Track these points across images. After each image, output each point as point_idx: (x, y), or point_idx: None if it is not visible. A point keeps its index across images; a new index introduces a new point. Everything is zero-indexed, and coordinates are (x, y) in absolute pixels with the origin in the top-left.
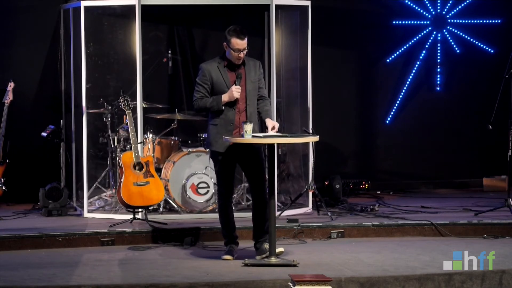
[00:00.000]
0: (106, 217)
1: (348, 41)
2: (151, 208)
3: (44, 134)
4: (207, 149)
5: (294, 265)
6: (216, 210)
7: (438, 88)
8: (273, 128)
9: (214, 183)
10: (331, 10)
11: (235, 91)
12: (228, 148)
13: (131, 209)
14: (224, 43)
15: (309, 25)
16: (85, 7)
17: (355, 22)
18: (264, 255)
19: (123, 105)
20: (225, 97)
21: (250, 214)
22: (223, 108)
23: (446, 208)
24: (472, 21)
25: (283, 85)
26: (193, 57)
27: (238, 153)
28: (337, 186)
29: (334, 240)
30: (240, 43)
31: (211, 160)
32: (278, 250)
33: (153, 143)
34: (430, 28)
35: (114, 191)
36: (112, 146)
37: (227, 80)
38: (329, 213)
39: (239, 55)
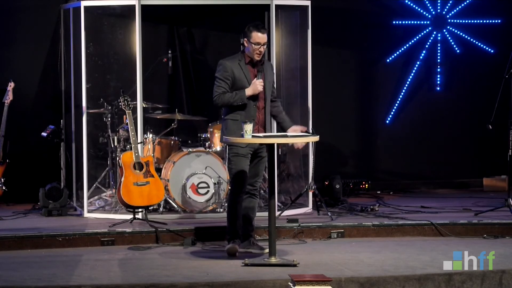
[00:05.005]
0: (106, 217)
1: (348, 41)
2: (151, 208)
3: (44, 134)
4: (224, 144)
5: (294, 265)
6: (216, 210)
7: (438, 88)
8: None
9: (214, 183)
10: (331, 10)
11: (259, 84)
12: (248, 145)
13: (131, 209)
14: (244, 39)
15: (309, 25)
16: (85, 7)
17: (355, 22)
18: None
19: (123, 105)
20: (248, 91)
21: (260, 213)
22: (246, 102)
23: (446, 208)
24: (472, 21)
25: (283, 85)
26: (193, 57)
27: (254, 151)
28: (337, 186)
29: (334, 240)
30: (261, 37)
31: (227, 155)
32: None
33: (153, 143)
34: (430, 28)
35: (114, 191)
36: (112, 146)
37: (248, 76)
38: (329, 213)
39: (260, 49)
